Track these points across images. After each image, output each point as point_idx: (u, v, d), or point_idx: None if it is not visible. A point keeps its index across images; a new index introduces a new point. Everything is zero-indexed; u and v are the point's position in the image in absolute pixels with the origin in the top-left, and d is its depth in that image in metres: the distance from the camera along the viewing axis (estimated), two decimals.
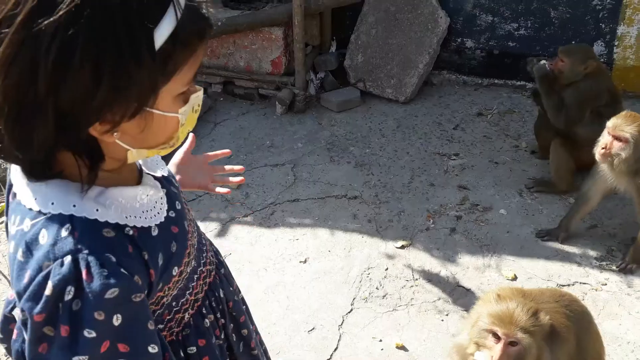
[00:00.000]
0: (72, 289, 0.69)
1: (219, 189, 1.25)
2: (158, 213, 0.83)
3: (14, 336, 0.78)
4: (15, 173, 0.80)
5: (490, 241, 2.75)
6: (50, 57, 0.64)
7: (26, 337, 0.71)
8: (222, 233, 2.92)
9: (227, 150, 1.30)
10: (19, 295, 0.71)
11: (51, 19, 0.63)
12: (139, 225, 0.78)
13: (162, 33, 0.69)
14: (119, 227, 0.76)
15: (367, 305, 2.46)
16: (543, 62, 2.92)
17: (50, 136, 0.68)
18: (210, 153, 1.30)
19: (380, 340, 2.29)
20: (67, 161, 0.74)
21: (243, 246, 2.83)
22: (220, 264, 1.07)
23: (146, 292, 0.77)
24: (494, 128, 3.64)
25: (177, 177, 1.13)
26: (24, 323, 0.70)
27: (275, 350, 2.27)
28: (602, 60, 3.72)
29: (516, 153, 3.38)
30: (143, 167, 0.90)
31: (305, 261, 2.71)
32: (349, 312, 2.43)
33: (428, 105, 3.91)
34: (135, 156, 0.79)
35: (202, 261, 0.97)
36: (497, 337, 1.49)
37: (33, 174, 0.75)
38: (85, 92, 0.66)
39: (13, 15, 0.65)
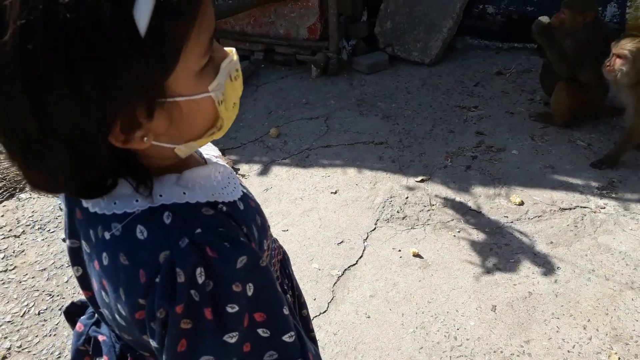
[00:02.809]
0: (202, 270, 0.62)
1: None
2: (235, 188, 0.77)
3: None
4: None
5: (502, 175, 3.07)
6: (16, 88, 0.51)
7: (165, 339, 0.63)
8: (263, 172, 3.35)
9: None
10: (142, 295, 0.63)
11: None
12: (227, 201, 0.73)
13: (143, 11, 0.53)
14: (212, 205, 0.70)
15: (389, 225, 2.83)
16: (542, 18, 3.20)
17: (74, 169, 0.58)
18: None
19: (399, 250, 2.66)
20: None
21: (282, 182, 3.25)
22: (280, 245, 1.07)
23: None
24: (511, 85, 3.93)
25: None
26: (163, 323, 0.63)
27: (310, 257, 2.68)
28: (614, 21, 3.96)
29: (531, 104, 3.67)
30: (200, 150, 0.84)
31: (335, 192, 3.10)
32: (373, 230, 2.81)
33: (451, 67, 4.23)
34: (186, 151, 0.70)
35: (272, 238, 0.95)
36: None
37: (91, 195, 0.66)
38: (76, 115, 0.54)
39: None
